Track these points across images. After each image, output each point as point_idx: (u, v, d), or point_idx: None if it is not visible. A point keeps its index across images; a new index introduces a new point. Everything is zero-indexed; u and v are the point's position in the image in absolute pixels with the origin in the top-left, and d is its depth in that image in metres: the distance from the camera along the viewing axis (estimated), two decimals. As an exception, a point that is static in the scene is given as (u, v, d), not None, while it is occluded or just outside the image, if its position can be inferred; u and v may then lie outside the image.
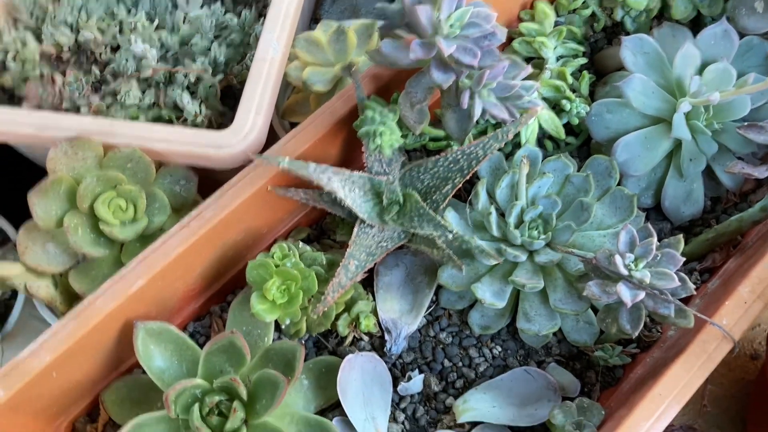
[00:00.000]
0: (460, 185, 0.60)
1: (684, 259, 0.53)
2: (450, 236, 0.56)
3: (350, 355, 0.58)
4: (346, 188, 0.59)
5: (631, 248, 0.54)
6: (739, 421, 0.73)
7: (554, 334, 0.61)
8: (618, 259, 0.53)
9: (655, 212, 0.67)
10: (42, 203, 0.59)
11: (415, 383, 0.59)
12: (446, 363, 0.61)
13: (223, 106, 0.72)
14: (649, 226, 0.55)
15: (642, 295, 0.52)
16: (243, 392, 0.53)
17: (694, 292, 0.52)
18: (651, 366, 0.58)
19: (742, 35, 0.67)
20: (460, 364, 0.61)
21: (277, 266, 0.57)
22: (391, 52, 0.56)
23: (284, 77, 0.72)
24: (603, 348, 0.59)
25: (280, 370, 0.54)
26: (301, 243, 0.61)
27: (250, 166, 0.60)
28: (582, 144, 0.70)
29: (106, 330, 0.56)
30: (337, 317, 0.60)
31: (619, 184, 0.66)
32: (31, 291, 0.60)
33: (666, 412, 0.50)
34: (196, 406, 0.53)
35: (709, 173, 0.66)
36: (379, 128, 0.53)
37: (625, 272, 0.52)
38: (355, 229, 0.60)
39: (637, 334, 0.53)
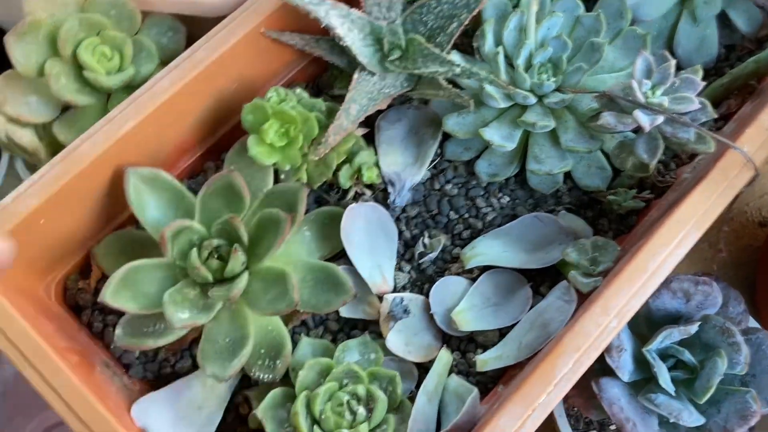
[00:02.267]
0: (467, 21, 0.56)
1: (704, 83, 0.50)
2: (458, 70, 0.53)
3: (353, 204, 0.56)
4: (345, 26, 0.55)
5: (647, 75, 0.51)
6: (748, 286, 0.72)
7: (564, 181, 0.59)
8: (635, 84, 0.50)
9: (668, 61, 0.64)
10: (20, 47, 0.55)
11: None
12: (452, 215, 0.59)
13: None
14: (665, 52, 0.52)
15: (661, 119, 0.49)
16: (243, 234, 0.51)
17: (715, 115, 0.50)
18: (665, 208, 0.55)
19: None
20: (467, 215, 0.59)
21: (275, 108, 0.54)
22: None
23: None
24: (616, 192, 0.57)
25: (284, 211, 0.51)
26: (298, 89, 0.57)
27: (244, 5, 0.56)
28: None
29: (95, 177, 0.53)
30: (339, 168, 0.57)
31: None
32: (13, 138, 0.56)
33: (686, 239, 0.48)
34: (194, 250, 0.51)
35: (723, 19, 0.63)
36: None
37: (642, 99, 0.50)
38: (355, 75, 0.57)
39: (654, 162, 0.51)
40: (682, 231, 0.48)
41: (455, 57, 0.58)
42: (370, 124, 0.60)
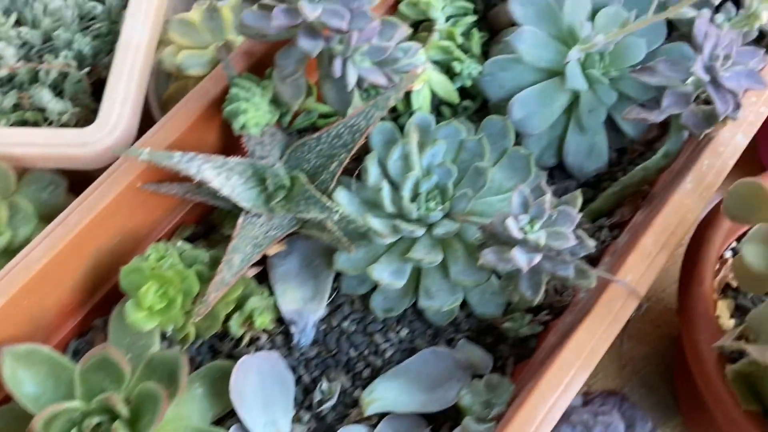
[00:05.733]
0: (347, 161, 0.56)
1: (579, 216, 0.49)
2: (336, 217, 0.52)
3: (244, 357, 0.54)
4: (221, 176, 0.54)
5: (524, 209, 0.50)
6: (670, 377, 0.71)
7: (462, 308, 0.58)
8: (511, 221, 0.49)
9: (559, 170, 0.64)
10: None
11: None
12: (352, 353, 0.57)
13: (97, 101, 0.66)
14: (542, 184, 0.52)
15: (538, 257, 0.48)
16: (123, 410, 0.49)
17: (593, 250, 0.49)
18: (562, 332, 0.55)
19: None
20: (367, 352, 0.57)
21: (153, 269, 0.53)
22: (254, 22, 0.51)
23: (159, 65, 0.67)
24: (512, 318, 0.56)
25: (164, 381, 0.50)
26: (180, 242, 0.56)
27: (116, 163, 0.55)
28: (481, 106, 0.66)
29: (-32, 358, 0.51)
30: (228, 317, 0.56)
31: (519, 144, 0.63)
32: None
33: (574, 380, 0.47)
34: (74, 430, 0.49)
35: (611, 124, 0.63)
36: (242, 105, 0.49)
37: (519, 235, 0.49)
38: (240, 220, 0.56)
39: (538, 299, 0.50)
40: (569, 373, 0.47)
41: (342, 195, 0.57)
42: (262, 260, 0.59)
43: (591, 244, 0.50)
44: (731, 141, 0.55)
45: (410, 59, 0.53)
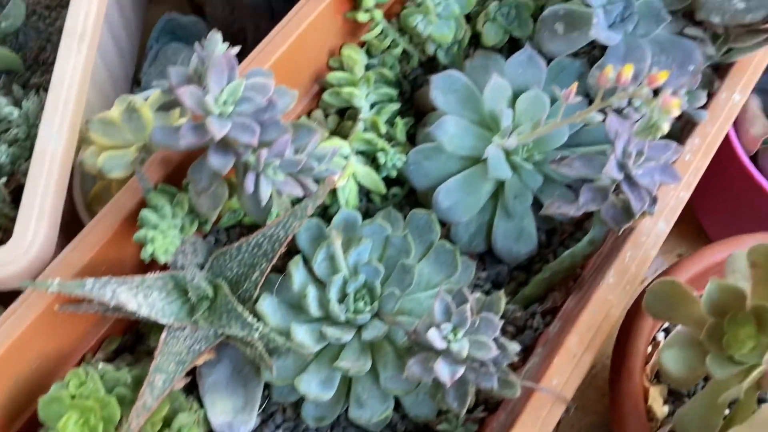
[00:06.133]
0: (269, 270, 0.55)
1: (500, 323, 0.49)
2: (256, 335, 0.51)
3: (171, 482, 0.53)
4: (139, 296, 0.53)
5: (447, 317, 0.50)
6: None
7: (396, 410, 0.57)
8: (433, 332, 0.48)
9: (490, 256, 0.64)
10: None
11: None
12: (286, 464, 0.56)
13: (17, 210, 0.65)
14: (464, 290, 0.51)
15: (461, 370, 0.48)
16: None
17: (515, 359, 0.49)
18: (498, 430, 0.54)
19: (551, 59, 0.64)
20: (301, 463, 0.56)
21: (72, 397, 0.51)
22: (163, 139, 0.51)
23: (81, 166, 0.66)
24: (446, 419, 0.55)
25: None
26: (101, 364, 0.54)
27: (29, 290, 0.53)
28: (409, 192, 0.66)
29: None
30: (156, 437, 0.54)
31: (449, 232, 0.63)
32: None
33: (503, 496, 0.47)
34: None
35: (538, 207, 0.63)
36: (149, 234, 0.48)
37: (442, 345, 0.48)
38: (163, 336, 0.54)
39: (464, 411, 0.49)
40: (498, 488, 0.47)
41: (267, 302, 0.56)
42: (191, 370, 0.58)
43: (514, 351, 0.49)
44: (653, 230, 0.55)
45: (326, 165, 0.53)
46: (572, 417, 0.72)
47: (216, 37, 0.48)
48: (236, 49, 0.49)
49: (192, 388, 0.58)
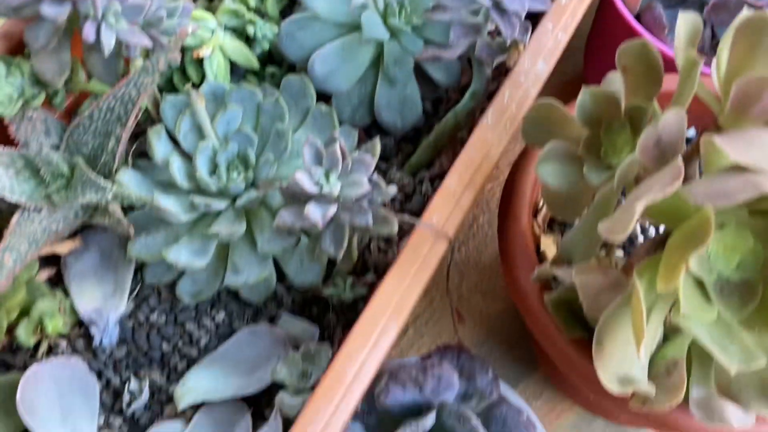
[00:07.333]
0: (126, 136, 0.50)
1: (374, 162, 0.46)
2: (110, 196, 0.47)
3: (33, 366, 0.48)
4: (-20, 170, 0.48)
5: (318, 161, 0.47)
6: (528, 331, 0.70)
7: (282, 282, 0.54)
8: (303, 176, 0.45)
9: (376, 128, 0.61)
10: None
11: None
12: (165, 347, 0.52)
13: None
14: (336, 134, 0.48)
15: (333, 209, 0.45)
16: None
17: (390, 195, 0.46)
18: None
19: None
20: (180, 343, 0.52)
21: None
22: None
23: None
24: (334, 284, 0.52)
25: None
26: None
27: None
28: (288, 71, 0.63)
29: None
30: (14, 326, 0.50)
31: (330, 106, 0.60)
32: None
33: (383, 335, 0.44)
34: None
35: (422, 74, 0.61)
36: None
37: (314, 190, 0.45)
38: (15, 217, 0.49)
39: (341, 254, 0.46)
40: (377, 327, 0.44)
41: (127, 175, 0.51)
42: (56, 261, 0.53)
43: (390, 190, 0.46)
44: (532, 69, 0.53)
45: (176, 19, 0.49)
46: (481, 303, 0.70)
47: None
48: None
49: (59, 282, 0.53)
